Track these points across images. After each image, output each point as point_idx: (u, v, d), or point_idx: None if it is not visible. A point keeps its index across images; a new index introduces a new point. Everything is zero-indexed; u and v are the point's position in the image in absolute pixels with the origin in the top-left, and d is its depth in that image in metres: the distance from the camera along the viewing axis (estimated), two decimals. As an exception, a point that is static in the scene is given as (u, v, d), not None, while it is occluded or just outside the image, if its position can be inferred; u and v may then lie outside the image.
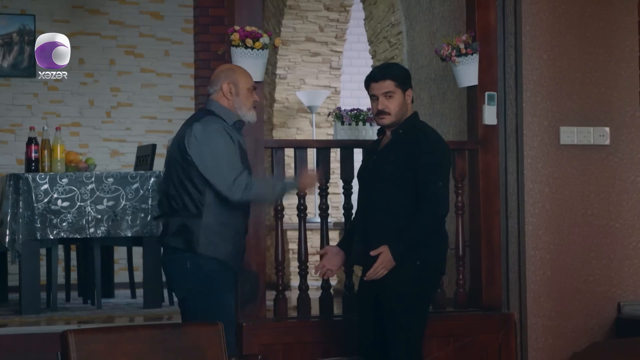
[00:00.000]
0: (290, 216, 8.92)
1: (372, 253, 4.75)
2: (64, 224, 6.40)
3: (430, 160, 4.80)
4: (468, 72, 5.81)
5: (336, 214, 9.43)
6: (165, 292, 6.94)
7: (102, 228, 6.47)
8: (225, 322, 4.50)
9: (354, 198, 5.37)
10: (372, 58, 8.70)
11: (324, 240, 5.72)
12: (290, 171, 6.30)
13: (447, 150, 4.99)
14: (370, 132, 6.80)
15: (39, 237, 6.37)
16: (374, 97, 4.93)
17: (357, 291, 5.19)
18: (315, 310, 5.74)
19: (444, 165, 4.89)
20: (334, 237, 8.53)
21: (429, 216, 4.77)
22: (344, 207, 5.67)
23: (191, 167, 4.57)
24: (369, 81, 4.94)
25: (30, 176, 6.39)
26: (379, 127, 5.05)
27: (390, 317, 4.82)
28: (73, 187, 6.45)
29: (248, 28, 5.42)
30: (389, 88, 4.88)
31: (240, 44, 5.38)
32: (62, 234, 6.42)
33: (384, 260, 4.73)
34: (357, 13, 9.86)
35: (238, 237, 4.69)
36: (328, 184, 5.74)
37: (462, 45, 5.75)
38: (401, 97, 4.90)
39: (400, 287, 4.78)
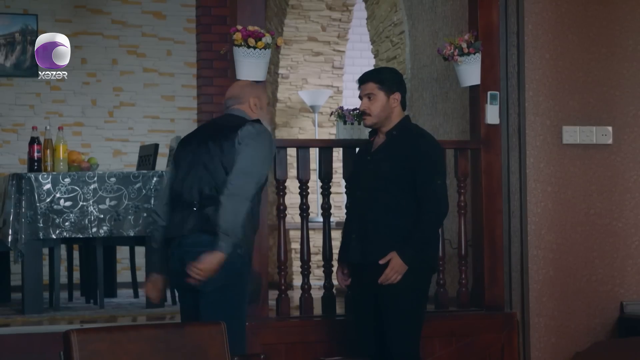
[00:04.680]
0: (293, 216, 8.92)
1: (381, 261, 4.80)
2: (67, 223, 6.40)
3: (428, 161, 4.89)
4: (470, 72, 5.81)
5: (338, 214, 9.44)
6: (168, 291, 6.94)
7: (105, 228, 6.47)
8: (242, 322, 4.53)
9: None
10: (375, 57, 8.70)
11: (327, 239, 5.72)
12: (292, 171, 6.30)
13: (442, 150, 5.10)
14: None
15: (41, 237, 6.37)
16: (360, 98, 5.06)
17: (352, 290, 5.21)
18: (317, 309, 5.74)
19: (440, 165, 4.96)
20: (337, 236, 8.51)
21: (432, 214, 4.85)
22: (346, 207, 5.67)
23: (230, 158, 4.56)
24: (358, 83, 5.09)
25: (32, 176, 6.40)
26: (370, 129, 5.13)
27: (388, 314, 4.86)
28: (75, 187, 6.45)
29: (250, 27, 5.42)
30: (370, 90, 4.99)
31: (242, 43, 5.38)
32: (65, 234, 6.42)
33: (394, 265, 4.78)
34: (360, 12, 9.87)
35: (255, 231, 4.71)
36: (330, 184, 5.75)
37: (464, 45, 5.75)
38: (384, 100, 4.97)
39: (397, 285, 4.81)
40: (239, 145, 4.55)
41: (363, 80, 5.04)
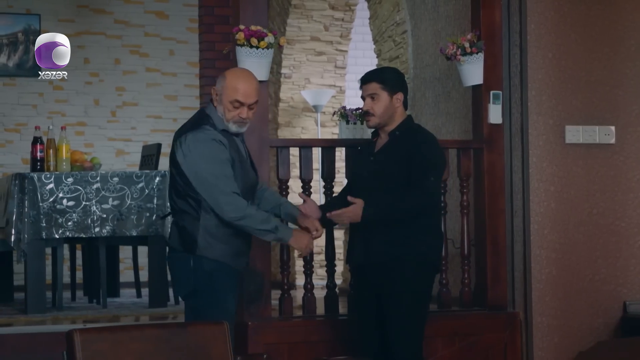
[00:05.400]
0: (296, 215, 8.92)
1: (350, 199, 4.81)
2: (70, 223, 6.41)
3: (425, 158, 4.89)
4: (473, 71, 5.81)
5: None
6: (171, 291, 6.95)
7: (108, 227, 6.48)
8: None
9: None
10: (377, 57, 8.70)
11: (329, 238, 5.71)
12: (295, 170, 6.30)
13: (442, 151, 5.10)
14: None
15: (44, 237, 6.38)
16: (363, 99, 5.04)
17: (355, 289, 5.21)
18: (320, 309, 5.74)
19: (437, 164, 4.97)
20: (339, 235, 8.53)
21: (411, 202, 4.83)
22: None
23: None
24: (360, 83, 5.07)
25: (35, 175, 6.40)
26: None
27: (390, 314, 4.86)
28: (78, 187, 6.46)
29: (253, 27, 5.42)
30: (374, 90, 4.98)
31: (245, 43, 5.38)
32: (68, 234, 6.43)
33: (352, 212, 4.79)
34: (362, 12, 9.86)
35: (235, 238, 4.67)
36: (333, 183, 5.74)
37: (467, 44, 5.75)
38: (387, 100, 4.97)
39: (399, 284, 4.83)
40: (184, 158, 4.58)
41: (365, 80, 5.03)
